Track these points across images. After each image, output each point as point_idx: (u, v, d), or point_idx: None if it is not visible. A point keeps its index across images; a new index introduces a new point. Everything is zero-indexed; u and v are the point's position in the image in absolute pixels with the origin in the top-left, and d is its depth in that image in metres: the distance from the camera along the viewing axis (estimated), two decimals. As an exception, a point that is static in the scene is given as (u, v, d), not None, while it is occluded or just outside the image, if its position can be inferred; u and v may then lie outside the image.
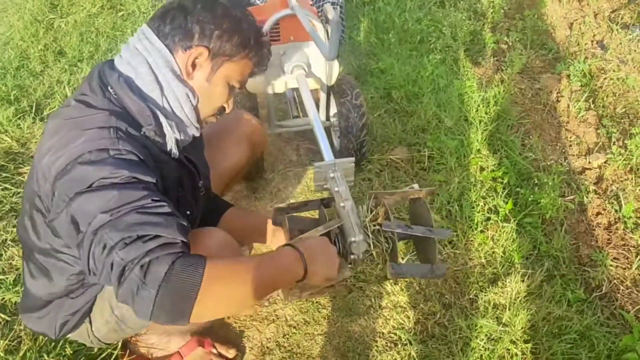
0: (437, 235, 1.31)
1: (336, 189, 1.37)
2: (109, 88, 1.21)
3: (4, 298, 1.95)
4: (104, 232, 1.02)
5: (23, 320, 1.57)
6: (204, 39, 1.23)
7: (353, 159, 1.43)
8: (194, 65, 1.25)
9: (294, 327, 1.94)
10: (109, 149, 1.10)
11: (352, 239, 1.25)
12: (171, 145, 1.28)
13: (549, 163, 2.46)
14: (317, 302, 2.01)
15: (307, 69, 2.06)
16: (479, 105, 2.75)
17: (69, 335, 1.54)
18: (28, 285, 1.47)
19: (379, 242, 1.33)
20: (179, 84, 1.24)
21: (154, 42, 1.22)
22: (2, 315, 1.88)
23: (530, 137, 2.68)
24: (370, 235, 1.32)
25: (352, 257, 1.29)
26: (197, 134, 1.36)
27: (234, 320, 1.97)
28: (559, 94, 3.05)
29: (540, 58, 3.36)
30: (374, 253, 1.33)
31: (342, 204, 1.32)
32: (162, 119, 1.24)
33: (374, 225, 1.33)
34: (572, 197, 2.34)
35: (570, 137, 2.76)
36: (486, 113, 2.71)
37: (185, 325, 1.05)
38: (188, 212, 1.43)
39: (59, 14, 3.77)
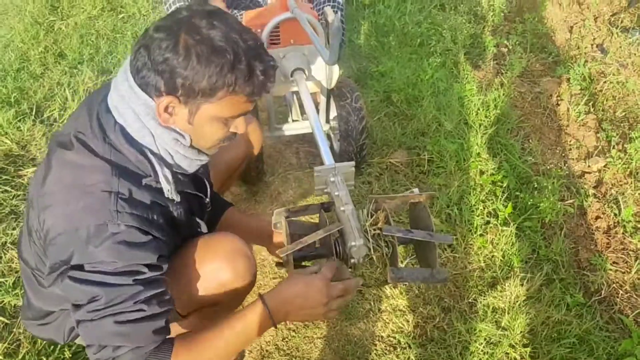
0: (438, 240, 1.31)
1: (336, 193, 1.37)
2: (108, 134, 1.17)
3: (3, 301, 1.95)
4: (83, 328, 1.11)
5: (28, 328, 1.55)
6: (169, 86, 1.11)
7: (353, 163, 1.43)
8: (168, 111, 1.15)
9: (294, 331, 1.94)
10: (107, 225, 1.09)
11: (352, 243, 1.25)
12: (169, 194, 1.23)
13: (548, 167, 2.46)
14: (316, 305, 2.00)
15: (307, 72, 2.06)
16: (478, 109, 2.76)
17: (77, 340, 1.54)
18: (31, 294, 1.44)
19: (379, 246, 1.32)
20: (164, 131, 1.17)
21: (133, 86, 1.14)
22: (2, 319, 1.88)
23: (530, 140, 2.68)
24: (371, 240, 1.31)
25: (352, 261, 1.29)
26: (207, 160, 1.31)
27: (233, 324, 1.97)
28: (558, 98, 3.05)
29: (540, 61, 3.37)
30: (374, 257, 1.33)
31: (342, 208, 1.32)
32: (157, 167, 1.20)
33: (374, 230, 1.33)
34: (571, 201, 2.34)
35: (570, 141, 2.76)
36: (486, 116, 2.72)
37: None
38: (199, 229, 1.44)
39: (59, 16, 3.77)
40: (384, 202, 1.35)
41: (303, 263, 1.54)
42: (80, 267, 1.09)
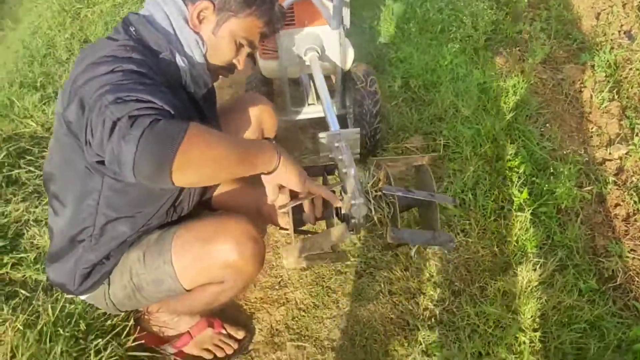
0: (439, 200, 1.31)
1: (340, 157, 1.38)
2: (130, 27, 1.33)
3: (24, 275, 2.01)
4: (103, 97, 1.10)
5: (47, 273, 1.61)
6: None
7: (358, 129, 1.44)
8: (200, 19, 1.36)
9: (304, 310, 1.97)
10: (123, 56, 1.21)
11: (353, 202, 1.26)
12: (186, 79, 1.38)
13: (567, 153, 2.41)
14: (327, 286, 2.02)
15: (320, 52, 2.06)
16: (497, 95, 2.72)
17: (86, 297, 1.59)
18: (51, 224, 1.53)
19: (380, 207, 1.33)
20: (190, 30, 1.36)
21: None
22: (23, 292, 1.94)
23: (550, 127, 2.64)
24: (372, 200, 1.32)
25: (353, 221, 1.29)
26: (209, 83, 1.46)
27: (244, 302, 2.00)
28: (582, 85, 2.98)
29: (564, 48, 3.30)
30: (375, 218, 1.34)
31: (344, 170, 1.33)
32: (175, 53, 1.34)
33: (376, 192, 1.34)
34: (590, 187, 2.29)
35: (592, 128, 2.70)
36: (504, 103, 2.68)
37: (168, 184, 1.06)
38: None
39: (85, 3, 3.86)
40: (386, 164, 1.36)
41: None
42: (96, 74, 1.15)
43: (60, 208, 1.47)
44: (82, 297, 1.62)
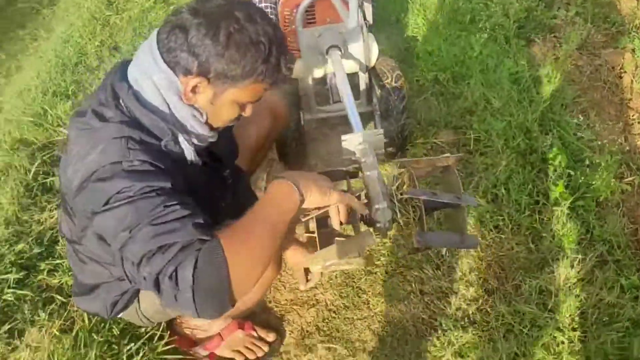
0: (465, 202, 1.27)
1: (363, 159, 1.34)
2: (121, 101, 1.22)
3: (60, 281, 2.06)
4: (126, 249, 1.08)
5: (76, 303, 1.65)
6: (203, 68, 1.17)
7: (382, 130, 1.40)
8: (195, 92, 1.21)
9: (334, 312, 1.95)
10: (121, 162, 1.13)
11: (377, 207, 1.23)
12: (191, 157, 1.28)
13: (605, 142, 2.30)
14: (357, 287, 2.00)
15: (343, 49, 2.03)
16: (530, 85, 2.62)
17: (120, 315, 1.61)
18: (76, 271, 1.56)
19: (406, 210, 1.30)
20: (184, 106, 1.22)
21: (158, 60, 1.18)
22: (59, 297, 1.98)
23: (587, 116, 2.53)
24: (397, 204, 1.29)
25: (378, 225, 1.27)
26: (215, 139, 1.35)
27: (275, 305, 2.00)
28: (621, 70, 2.86)
29: (602, 32, 3.15)
30: (401, 222, 1.30)
31: (368, 173, 1.29)
32: (176, 132, 1.25)
33: (401, 194, 1.30)
34: (631, 178, 2.19)
35: (633, 115, 2.59)
36: (538, 93, 2.58)
37: (232, 308, 1.09)
38: (223, 204, 1.46)
39: (114, 10, 3.92)
40: (410, 166, 1.32)
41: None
42: (104, 205, 1.11)
43: (89, 261, 1.46)
44: (118, 316, 1.64)
